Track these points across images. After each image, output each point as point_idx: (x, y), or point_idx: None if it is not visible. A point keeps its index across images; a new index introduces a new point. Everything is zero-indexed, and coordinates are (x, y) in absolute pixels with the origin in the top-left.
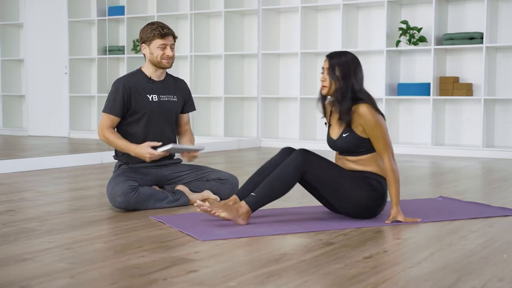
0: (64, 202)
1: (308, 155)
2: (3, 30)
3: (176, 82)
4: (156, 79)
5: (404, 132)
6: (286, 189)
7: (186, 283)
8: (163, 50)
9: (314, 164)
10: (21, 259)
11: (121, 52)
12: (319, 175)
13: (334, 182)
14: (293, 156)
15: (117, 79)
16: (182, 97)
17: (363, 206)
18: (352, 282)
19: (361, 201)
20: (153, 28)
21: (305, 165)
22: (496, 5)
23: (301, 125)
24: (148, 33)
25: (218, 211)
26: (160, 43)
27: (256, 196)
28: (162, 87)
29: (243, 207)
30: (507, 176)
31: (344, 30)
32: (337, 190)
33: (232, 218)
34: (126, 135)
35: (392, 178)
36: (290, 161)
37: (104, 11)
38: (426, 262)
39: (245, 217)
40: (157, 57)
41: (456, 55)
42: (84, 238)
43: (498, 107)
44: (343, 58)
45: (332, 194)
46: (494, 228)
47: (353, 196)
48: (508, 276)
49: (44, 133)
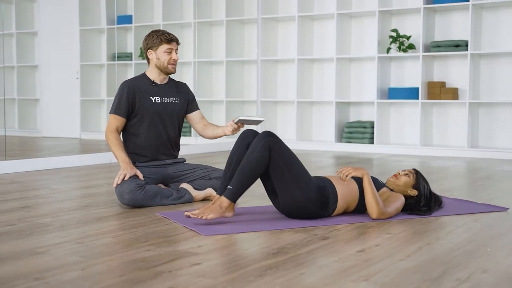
0: (75, 199)
1: (273, 136)
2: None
3: (178, 85)
4: (159, 82)
5: (394, 133)
6: (257, 173)
7: (190, 275)
8: (169, 54)
9: (279, 146)
10: (35, 252)
11: (129, 58)
12: (280, 159)
13: (291, 171)
14: (258, 138)
15: (123, 82)
16: (184, 99)
17: (306, 201)
18: (345, 274)
19: (310, 194)
20: (159, 34)
21: (271, 145)
22: (480, 14)
23: (298, 127)
24: (155, 39)
25: (205, 215)
26: (166, 48)
27: (233, 188)
28: (165, 90)
29: (224, 201)
30: (490, 174)
31: (338, 38)
32: (290, 180)
33: (220, 216)
34: (130, 135)
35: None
36: (256, 144)
37: (113, 20)
38: (415, 255)
39: (230, 209)
40: (164, 62)
41: (443, 61)
42: (94, 233)
43: (482, 110)
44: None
45: (283, 182)
46: (478, 224)
47: (302, 186)
48: (491, 268)
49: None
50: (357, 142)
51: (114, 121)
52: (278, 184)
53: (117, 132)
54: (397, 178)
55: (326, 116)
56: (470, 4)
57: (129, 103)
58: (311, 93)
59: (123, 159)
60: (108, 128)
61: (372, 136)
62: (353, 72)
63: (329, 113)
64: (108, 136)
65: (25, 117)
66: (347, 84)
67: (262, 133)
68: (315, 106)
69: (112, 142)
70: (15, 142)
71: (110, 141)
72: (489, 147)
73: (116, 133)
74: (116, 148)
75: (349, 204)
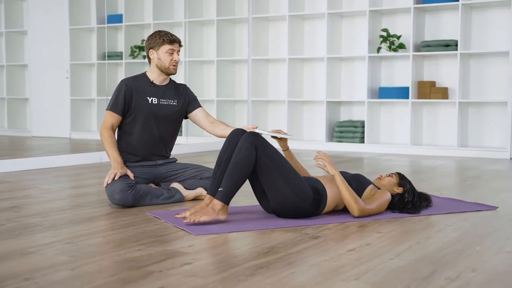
0: (66, 199)
1: (258, 135)
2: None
3: (178, 87)
4: (159, 83)
5: (384, 132)
6: (247, 172)
7: (181, 275)
8: (171, 55)
9: (264, 145)
10: (25, 252)
11: (119, 57)
12: (267, 157)
13: (279, 170)
14: (243, 139)
15: (122, 79)
16: (184, 100)
17: (297, 199)
18: (336, 273)
19: (300, 192)
20: (161, 34)
21: (256, 144)
22: (470, 14)
23: (288, 126)
24: (157, 39)
25: (197, 218)
26: (168, 48)
27: (224, 190)
28: (163, 92)
29: (217, 204)
30: (480, 173)
31: (329, 37)
32: (279, 178)
33: (213, 219)
34: (124, 133)
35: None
36: (241, 145)
37: (103, 19)
38: (405, 254)
39: (223, 212)
40: (165, 63)
41: (433, 61)
42: (84, 233)
43: (472, 109)
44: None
45: (272, 181)
46: (468, 223)
47: (293, 184)
48: (480, 267)
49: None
50: (348, 142)
51: (110, 118)
52: (267, 183)
53: (112, 130)
54: (380, 179)
55: (317, 115)
56: (459, 4)
57: (125, 102)
58: (302, 92)
59: (114, 158)
60: (103, 125)
61: (363, 136)
62: (343, 72)
63: (320, 112)
64: (102, 133)
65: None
66: (338, 84)
67: (246, 134)
68: (306, 106)
69: (106, 139)
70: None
71: (104, 138)
72: (478, 147)
73: (111, 131)
74: (109, 147)
75: (338, 202)
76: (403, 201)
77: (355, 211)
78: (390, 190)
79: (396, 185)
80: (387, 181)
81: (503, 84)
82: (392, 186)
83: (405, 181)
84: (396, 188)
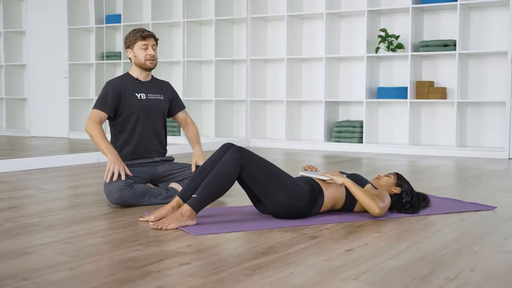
0: (64, 199)
1: (244, 151)
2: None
3: (161, 83)
4: (143, 80)
5: (383, 132)
6: (226, 187)
7: (179, 275)
8: (145, 50)
9: (250, 160)
10: (23, 252)
11: (117, 57)
12: (256, 171)
13: (271, 179)
14: (229, 154)
15: (107, 81)
16: (168, 96)
17: (294, 202)
18: (334, 273)
19: (297, 195)
20: (134, 32)
21: (242, 161)
22: (468, 14)
23: (287, 126)
24: (131, 38)
25: (165, 225)
26: (142, 44)
27: (198, 198)
28: (149, 87)
29: (187, 210)
30: (478, 173)
31: (327, 37)
32: (272, 187)
33: (181, 225)
34: (118, 133)
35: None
36: (227, 159)
37: (102, 19)
38: (403, 254)
39: (192, 217)
40: (141, 59)
41: (431, 61)
42: (83, 232)
43: (470, 109)
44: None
45: (266, 191)
46: (466, 222)
47: (288, 190)
48: (479, 266)
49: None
50: (346, 142)
51: (97, 115)
52: (262, 194)
53: (99, 124)
54: (378, 179)
55: (316, 115)
56: (458, 4)
57: (114, 101)
58: (301, 92)
59: (110, 150)
60: (90, 120)
61: (361, 136)
62: (342, 72)
63: (319, 112)
64: (89, 126)
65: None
66: (336, 84)
67: (233, 149)
68: (304, 106)
69: (95, 132)
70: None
71: (92, 131)
72: (477, 146)
73: (99, 124)
74: (100, 138)
75: (336, 201)
76: (401, 202)
77: (376, 209)
78: (388, 190)
79: (394, 185)
80: (385, 181)
81: (501, 84)
82: (390, 186)
83: (403, 181)
84: (394, 188)
